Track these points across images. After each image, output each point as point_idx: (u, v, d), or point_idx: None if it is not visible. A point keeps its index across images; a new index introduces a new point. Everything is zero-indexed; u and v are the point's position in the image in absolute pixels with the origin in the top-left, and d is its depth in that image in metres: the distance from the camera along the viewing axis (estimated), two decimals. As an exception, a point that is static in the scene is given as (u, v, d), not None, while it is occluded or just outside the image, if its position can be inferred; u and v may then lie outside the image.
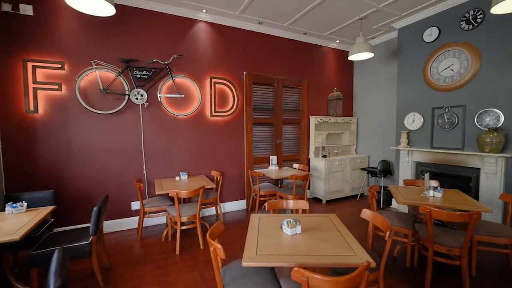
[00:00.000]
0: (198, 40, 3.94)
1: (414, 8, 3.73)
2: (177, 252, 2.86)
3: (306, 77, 5.01)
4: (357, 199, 4.99)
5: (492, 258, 2.68)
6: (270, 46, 4.58)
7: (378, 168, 4.76)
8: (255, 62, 4.45)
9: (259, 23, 4.25)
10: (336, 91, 5.12)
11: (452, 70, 3.56)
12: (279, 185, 4.43)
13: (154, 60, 3.60)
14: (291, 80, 4.82)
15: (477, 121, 3.31)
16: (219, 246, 1.45)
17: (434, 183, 3.15)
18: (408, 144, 4.13)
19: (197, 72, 3.96)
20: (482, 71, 3.27)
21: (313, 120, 4.97)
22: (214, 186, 3.28)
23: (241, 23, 4.19)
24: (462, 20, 3.43)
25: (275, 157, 4.48)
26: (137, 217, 3.63)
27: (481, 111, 3.28)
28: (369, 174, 5.06)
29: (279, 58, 4.69)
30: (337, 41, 5.12)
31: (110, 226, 3.49)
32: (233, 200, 4.39)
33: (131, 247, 3.06)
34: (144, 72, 3.55)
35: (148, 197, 3.71)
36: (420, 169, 3.98)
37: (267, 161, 4.63)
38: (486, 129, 3.18)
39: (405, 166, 4.14)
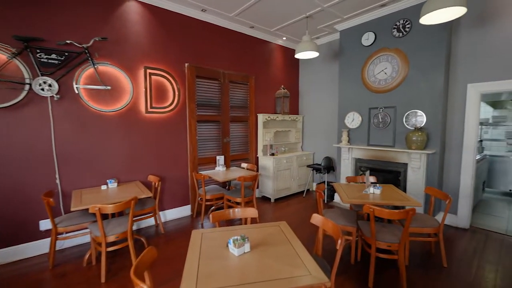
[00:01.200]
0: (128, 22, 3.33)
1: (354, 12, 3.89)
2: (103, 280, 2.35)
3: (254, 73, 4.84)
4: (304, 195, 5.12)
5: (418, 246, 2.99)
6: (216, 38, 4.23)
7: (322, 164, 4.96)
8: (199, 54, 4.04)
9: (202, 10, 3.85)
10: (283, 89, 5.10)
11: (385, 73, 3.85)
12: (226, 187, 4.18)
13: (68, 42, 2.87)
14: (238, 75, 4.58)
15: (405, 121, 3.67)
16: None
17: (372, 179, 3.36)
18: (348, 141, 4.37)
19: (128, 60, 3.35)
20: (410, 75, 3.62)
21: (261, 117, 4.85)
22: (151, 194, 2.82)
23: (181, 7, 3.72)
24: (394, 28, 3.73)
25: (223, 157, 4.21)
26: (49, 238, 2.90)
27: (408, 112, 3.64)
28: (314, 171, 5.24)
29: (226, 51, 4.39)
30: (284, 38, 5.09)
31: (8, 255, 2.69)
32: (176, 207, 3.95)
33: (39, 279, 2.40)
34: (53, 56, 2.80)
35: (65, 213, 3.00)
36: (359, 165, 4.26)
37: (214, 162, 4.32)
38: (413, 128, 3.54)
39: (346, 162, 4.38)
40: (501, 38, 3.09)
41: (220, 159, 4.19)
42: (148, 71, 3.51)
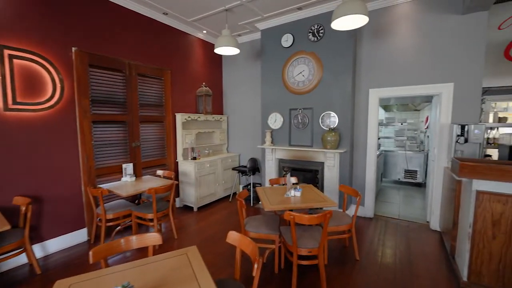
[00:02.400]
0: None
1: (274, 11, 3.84)
2: None
3: (170, 67, 4.26)
4: (230, 200, 4.87)
5: (334, 242, 3.13)
6: (119, 20, 3.47)
7: (248, 166, 4.81)
8: (94, 37, 3.22)
9: (94, -18, 3.07)
10: (205, 87, 4.71)
11: (303, 75, 3.96)
12: (136, 201, 3.50)
13: None
14: (150, 68, 3.92)
15: (321, 122, 3.85)
16: None
17: (293, 179, 3.35)
18: (272, 142, 4.35)
19: (-32, 34, 2.31)
20: (324, 79, 3.80)
21: (180, 117, 4.32)
22: (8, 226, 1.97)
23: (63, -26, 2.86)
24: (310, 32, 3.85)
25: (131, 165, 3.51)
26: None
27: (324, 114, 3.83)
28: (240, 173, 5.06)
29: (133, 38, 3.68)
30: (204, 31, 4.69)
31: None
32: (64, 233, 3.04)
33: None
34: None
35: None
36: (282, 165, 4.28)
37: (119, 171, 3.55)
38: (327, 129, 3.73)
39: (270, 163, 4.34)
40: (388, 51, 3.56)
41: (128, 167, 3.48)
42: (8, 52, 2.53)
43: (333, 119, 3.76)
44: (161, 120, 4.20)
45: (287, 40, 4.06)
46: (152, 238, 1.64)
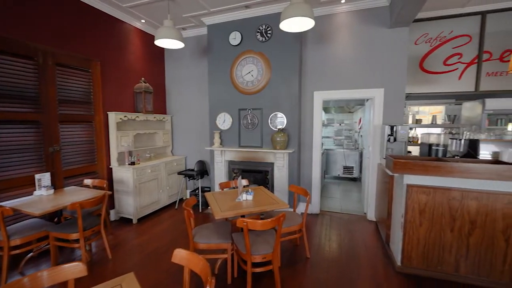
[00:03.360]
0: None
1: (220, 7, 3.67)
2: None
3: (100, 58, 3.66)
4: (176, 207, 4.49)
5: (286, 242, 3.15)
6: (22, -7, 2.77)
7: (195, 169, 4.52)
8: (-14, 12, 2.49)
9: None
10: (144, 82, 4.21)
11: (252, 75, 3.90)
12: (56, 220, 2.87)
13: None
14: (72, 57, 3.28)
15: (270, 123, 3.86)
16: None
17: (244, 182, 3.25)
18: (221, 143, 4.16)
19: None
20: (272, 79, 3.82)
21: (113, 117, 3.75)
22: None
23: None
24: (258, 32, 3.81)
25: (48, 174, 2.86)
26: None
27: (273, 114, 3.84)
28: (187, 178, 4.71)
29: (51, 20, 3.00)
30: (143, 20, 4.19)
31: None
32: None
33: None
34: None
35: None
36: (232, 167, 4.14)
37: (31, 183, 2.85)
38: (276, 129, 3.76)
39: (220, 165, 4.15)
40: (330, 57, 3.80)
41: (43, 178, 2.82)
42: None
43: (281, 120, 3.81)
44: (89, 120, 3.57)
45: (235, 38, 3.94)
46: (73, 269, 1.29)
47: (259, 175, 4.03)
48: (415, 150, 4.21)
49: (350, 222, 3.77)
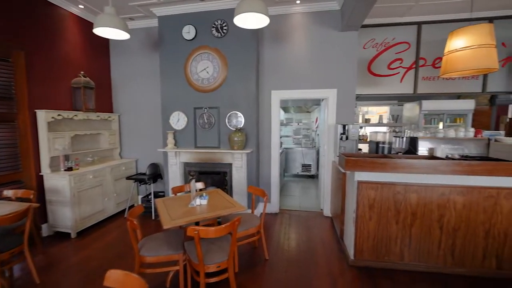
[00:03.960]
0: None
1: (171, -3, 3.41)
2: None
3: (25, 46, 3.09)
4: (125, 216, 4.07)
5: (244, 245, 3.06)
6: None
7: (147, 173, 4.16)
8: None
9: None
10: (84, 77, 3.71)
11: (207, 72, 3.72)
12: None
13: None
14: (-18, 43, 2.70)
15: (228, 122, 3.73)
16: None
17: (200, 185, 3.08)
18: (175, 144, 3.89)
19: None
20: (229, 77, 3.68)
21: (43, 115, 3.21)
22: None
23: None
24: (213, 27, 3.64)
25: None
26: None
27: (230, 113, 3.72)
28: (138, 182, 4.30)
29: None
30: (81, 6, 3.68)
31: None
32: None
33: None
34: None
35: None
36: (188, 169, 3.90)
37: None
38: (234, 129, 3.64)
39: (174, 168, 3.88)
40: (287, 56, 3.83)
41: None
42: None
43: (239, 119, 3.71)
44: (11, 120, 3.01)
45: (189, 32, 3.71)
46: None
47: (218, 177, 3.87)
48: (365, 148, 4.50)
49: (308, 219, 3.85)
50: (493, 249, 2.38)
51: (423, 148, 3.23)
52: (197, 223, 2.51)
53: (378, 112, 6.10)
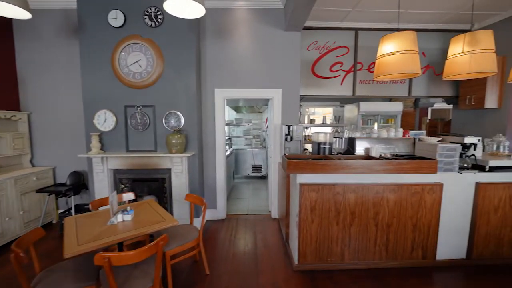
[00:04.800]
0: None
1: (90, -27, 2.87)
2: None
3: None
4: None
5: (182, 262, 2.75)
6: None
7: (68, 183, 3.49)
8: None
9: None
10: (-31, 64, 2.89)
11: (140, 66, 3.26)
12: None
13: None
14: None
15: (165, 123, 3.34)
16: None
17: (130, 195, 2.66)
18: (101, 149, 3.33)
19: None
20: (165, 73, 3.30)
21: None
22: None
23: None
24: (146, 15, 3.21)
25: None
26: None
27: (168, 113, 3.33)
28: (55, 195, 3.56)
29: None
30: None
31: None
32: None
33: None
34: None
35: None
36: (118, 177, 3.38)
37: None
38: (172, 130, 3.28)
39: (101, 176, 3.32)
40: (231, 54, 3.62)
41: None
42: None
43: (179, 119, 3.35)
44: None
45: (116, 18, 3.20)
46: None
47: (155, 184, 3.45)
48: (310, 148, 4.59)
49: (255, 224, 3.71)
50: (419, 240, 2.56)
51: (360, 148, 3.38)
52: (120, 244, 2.12)
53: (324, 113, 6.38)
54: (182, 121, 3.34)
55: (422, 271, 2.53)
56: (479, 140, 2.80)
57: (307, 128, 4.99)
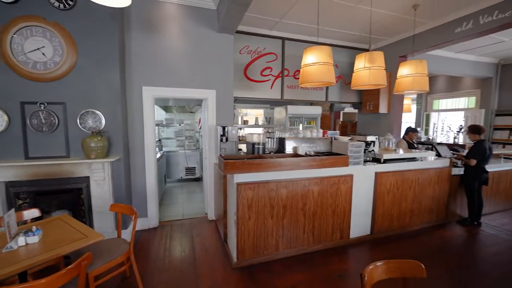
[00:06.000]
0: None
1: None
2: None
3: None
4: None
5: (111, 280, 2.43)
6: None
7: None
8: None
9: None
10: None
11: (44, 54, 2.70)
12: None
13: None
14: None
15: (80, 123, 2.86)
16: None
17: (35, 212, 2.19)
18: (-14, 156, 2.60)
19: None
20: (80, 64, 2.83)
21: None
22: None
23: None
24: (50, -7, 2.68)
25: None
26: None
27: (83, 112, 2.87)
28: None
29: None
30: None
31: None
32: None
33: None
34: None
35: None
36: (14, 191, 2.71)
37: None
38: (90, 132, 2.84)
39: (-14, 192, 2.58)
40: (162, 50, 3.41)
41: None
42: None
43: (98, 120, 2.94)
44: None
45: (4, -9, 2.55)
46: None
47: (68, 197, 2.91)
48: (245, 148, 4.75)
49: (192, 227, 3.60)
50: (337, 224, 3.03)
51: (289, 147, 3.72)
52: (22, 274, 1.72)
53: (256, 114, 6.69)
54: (103, 121, 2.94)
55: (341, 249, 3.00)
56: (376, 138, 3.50)
57: (240, 129, 5.15)
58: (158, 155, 4.71)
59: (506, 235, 3.43)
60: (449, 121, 7.75)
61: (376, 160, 3.34)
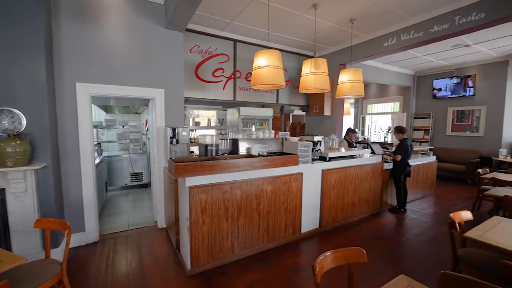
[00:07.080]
0: None
1: None
2: None
3: None
4: None
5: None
6: None
7: None
8: None
9: None
10: None
11: None
12: None
13: None
14: None
15: (-9, 125, 2.36)
16: None
17: None
18: None
19: None
20: (-11, 53, 2.34)
21: None
22: None
23: None
24: None
25: None
26: None
27: (-5, 111, 2.38)
28: None
29: None
30: None
31: None
32: None
33: None
34: None
35: None
36: None
37: None
38: (6, 135, 2.37)
39: None
40: (101, 43, 3.07)
41: None
42: None
43: (17, 120, 2.46)
44: None
45: None
46: None
47: (-27, 214, 2.36)
48: (197, 150, 4.59)
49: (139, 238, 3.31)
50: (290, 220, 3.16)
51: (243, 148, 3.74)
52: None
53: (208, 115, 6.54)
54: (24, 122, 2.48)
55: (293, 244, 3.14)
56: (322, 138, 3.79)
57: (192, 130, 4.97)
58: (97, 160, 4.20)
59: (424, 217, 4.10)
60: (380, 123, 8.90)
61: (322, 158, 3.61)
